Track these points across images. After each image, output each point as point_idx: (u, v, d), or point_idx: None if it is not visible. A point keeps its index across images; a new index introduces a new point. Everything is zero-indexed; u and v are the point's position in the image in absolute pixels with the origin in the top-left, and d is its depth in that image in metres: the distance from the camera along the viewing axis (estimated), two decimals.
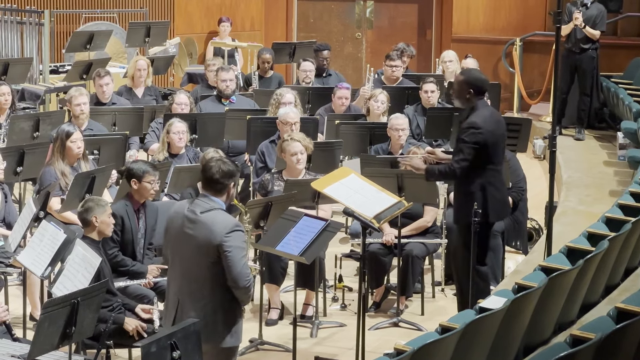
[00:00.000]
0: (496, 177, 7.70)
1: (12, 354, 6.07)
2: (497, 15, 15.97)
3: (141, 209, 7.88)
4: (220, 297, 6.05)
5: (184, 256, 6.12)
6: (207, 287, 6.04)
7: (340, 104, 11.02)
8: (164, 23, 14.62)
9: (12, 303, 7.97)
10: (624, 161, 11.62)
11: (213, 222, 6.00)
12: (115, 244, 7.65)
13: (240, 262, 5.97)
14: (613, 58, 14.38)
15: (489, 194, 7.62)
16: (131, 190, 7.86)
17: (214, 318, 6.04)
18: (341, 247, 9.74)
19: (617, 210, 8.39)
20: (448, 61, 12.61)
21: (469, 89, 7.67)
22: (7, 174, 8.74)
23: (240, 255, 5.99)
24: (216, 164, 6.10)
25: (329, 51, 12.97)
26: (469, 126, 7.58)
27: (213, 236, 5.97)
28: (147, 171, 7.83)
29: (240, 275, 5.97)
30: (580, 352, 5.37)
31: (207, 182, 6.11)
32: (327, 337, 8.26)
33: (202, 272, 6.04)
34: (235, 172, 6.16)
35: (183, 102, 10.54)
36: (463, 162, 7.55)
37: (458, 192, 7.82)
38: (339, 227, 7.19)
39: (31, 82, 12.83)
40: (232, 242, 5.96)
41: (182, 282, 6.14)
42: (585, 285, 7.09)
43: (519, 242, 9.66)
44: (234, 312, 6.12)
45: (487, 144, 7.58)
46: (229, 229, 5.98)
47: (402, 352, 5.56)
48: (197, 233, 6.04)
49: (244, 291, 6.04)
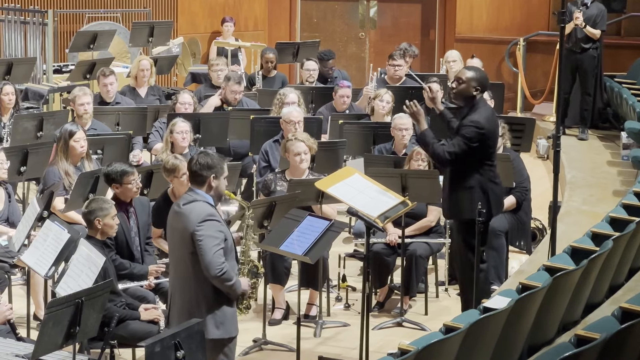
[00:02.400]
0: (493, 172, 7.74)
1: (16, 354, 6.06)
2: (501, 15, 15.97)
3: (129, 207, 7.85)
4: (203, 288, 6.18)
5: (171, 250, 6.36)
6: (191, 279, 6.19)
7: (342, 102, 11.04)
8: (168, 23, 14.63)
9: (16, 303, 7.98)
10: (627, 161, 11.61)
11: (190, 213, 6.17)
12: (111, 248, 7.57)
13: (211, 251, 6.10)
14: (617, 58, 14.36)
15: (489, 189, 7.64)
16: (115, 194, 7.84)
17: (198, 309, 6.16)
18: (345, 247, 9.74)
19: (621, 210, 8.38)
20: (452, 61, 12.61)
21: (477, 85, 7.66)
22: (10, 174, 8.75)
23: (212, 244, 6.11)
24: (197, 157, 6.30)
25: (334, 60, 12.88)
26: (472, 124, 7.57)
27: (189, 225, 6.14)
28: (125, 173, 7.78)
29: (211, 264, 6.10)
30: (584, 352, 5.37)
31: (190, 175, 6.33)
32: (330, 337, 8.26)
33: (184, 264, 6.20)
34: (214, 164, 6.27)
35: (187, 102, 10.54)
36: (456, 155, 7.57)
37: (455, 188, 7.73)
38: (342, 226, 7.20)
39: (35, 81, 12.83)
40: (204, 231, 6.11)
41: (172, 275, 6.36)
42: (590, 285, 7.09)
43: (522, 242, 9.65)
44: (219, 303, 6.22)
45: (486, 143, 7.59)
46: (201, 218, 6.13)
47: (406, 352, 5.56)
48: (178, 225, 6.23)
49: (217, 281, 6.15)
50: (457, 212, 7.77)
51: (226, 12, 15.94)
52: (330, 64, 12.64)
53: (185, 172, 7.84)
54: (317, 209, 8.39)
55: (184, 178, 7.93)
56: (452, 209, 7.82)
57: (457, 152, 7.56)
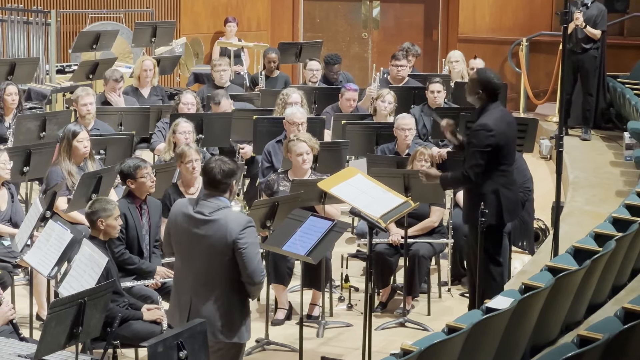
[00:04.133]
0: (508, 178, 7.68)
1: (19, 354, 6.06)
2: (504, 15, 15.97)
3: (143, 205, 7.89)
4: (235, 294, 6.14)
5: (195, 257, 6.17)
6: (221, 285, 6.13)
7: (348, 105, 11.03)
8: (170, 23, 14.63)
9: (18, 303, 7.97)
10: (630, 161, 11.61)
11: (226, 220, 6.09)
12: (121, 242, 7.66)
13: (256, 258, 6.09)
14: (620, 58, 14.36)
15: (502, 195, 7.59)
16: (131, 189, 7.87)
17: (232, 316, 6.14)
18: (348, 247, 9.74)
19: (623, 211, 8.38)
20: (454, 61, 12.62)
21: (479, 88, 7.65)
22: (13, 174, 8.75)
23: (255, 252, 6.11)
24: (216, 165, 6.19)
25: (340, 65, 12.77)
26: (480, 128, 7.54)
27: (228, 234, 6.05)
28: (137, 167, 7.83)
29: (256, 271, 6.08)
30: (587, 353, 5.37)
31: (210, 183, 6.20)
32: (333, 337, 8.26)
33: (216, 271, 6.11)
34: (236, 170, 6.27)
35: (189, 102, 10.55)
36: (477, 168, 7.52)
37: (469, 194, 7.77)
38: (345, 227, 7.20)
39: (38, 82, 12.83)
40: (247, 239, 6.07)
41: (194, 282, 6.19)
42: (592, 286, 7.08)
43: (525, 243, 9.65)
44: (247, 308, 6.26)
45: (499, 145, 7.55)
46: (242, 225, 6.08)
47: (409, 352, 5.56)
48: (209, 232, 6.11)
49: (259, 287, 6.18)
50: (471, 219, 7.73)
51: (229, 12, 15.94)
52: (337, 68, 12.58)
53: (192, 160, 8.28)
54: (320, 209, 8.39)
55: (189, 165, 8.35)
56: (466, 214, 7.84)
57: (475, 164, 7.51)
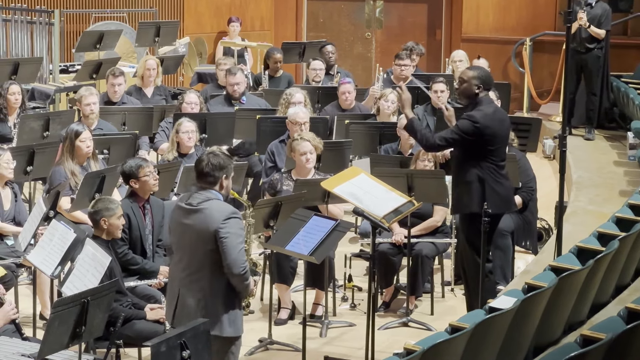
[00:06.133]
0: (496, 172, 7.71)
1: (22, 353, 6.07)
2: (507, 15, 15.95)
3: (146, 205, 7.89)
4: (219, 286, 6.17)
5: (185, 247, 6.27)
6: (206, 276, 6.18)
7: (344, 99, 11.06)
8: (174, 23, 14.64)
9: (22, 302, 7.99)
10: (634, 161, 11.60)
11: (210, 210, 6.16)
12: (124, 242, 7.66)
13: (236, 249, 6.10)
14: (623, 58, 14.33)
15: (487, 185, 7.65)
16: (134, 189, 7.87)
17: (214, 308, 6.16)
18: (351, 247, 9.74)
19: (627, 210, 8.37)
20: (458, 61, 12.61)
21: (479, 83, 7.68)
22: (17, 174, 8.76)
23: (236, 242, 6.12)
24: (206, 158, 6.30)
25: (333, 46, 13.00)
26: (468, 117, 7.64)
27: (211, 223, 6.12)
28: (139, 166, 7.84)
29: (236, 262, 6.10)
30: (590, 353, 5.36)
31: (199, 175, 6.31)
32: (336, 337, 8.26)
33: (201, 261, 6.18)
34: (225, 164, 6.30)
35: (193, 102, 10.55)
36: (444, 141, 7.69)
37: (456, 183, 7.84)
38: (348, 226, 7.20)
39: (41, 81, 12.85)
40: (229, 229, 6.11)
41: (182, 273, 6.28)
42: (596, 286, 7.08)
43: (528, 242, 9.64)
44: (232, 302, 6.23)
45: (484, 139, 7.59)
46: (225, 215, 6.13)
47: (412, 351, 5.56)
48: (195, 222, 6.18)
49: (238, 278, 6.16)
50: (457, 206, 7.84)
51: (232, 12, 15.95)
52: (329, 49, 12.78)
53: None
54: (323, 208, 8.39)
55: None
56: (454, 203, 7.91)
57: (447, 138, 7.66)
